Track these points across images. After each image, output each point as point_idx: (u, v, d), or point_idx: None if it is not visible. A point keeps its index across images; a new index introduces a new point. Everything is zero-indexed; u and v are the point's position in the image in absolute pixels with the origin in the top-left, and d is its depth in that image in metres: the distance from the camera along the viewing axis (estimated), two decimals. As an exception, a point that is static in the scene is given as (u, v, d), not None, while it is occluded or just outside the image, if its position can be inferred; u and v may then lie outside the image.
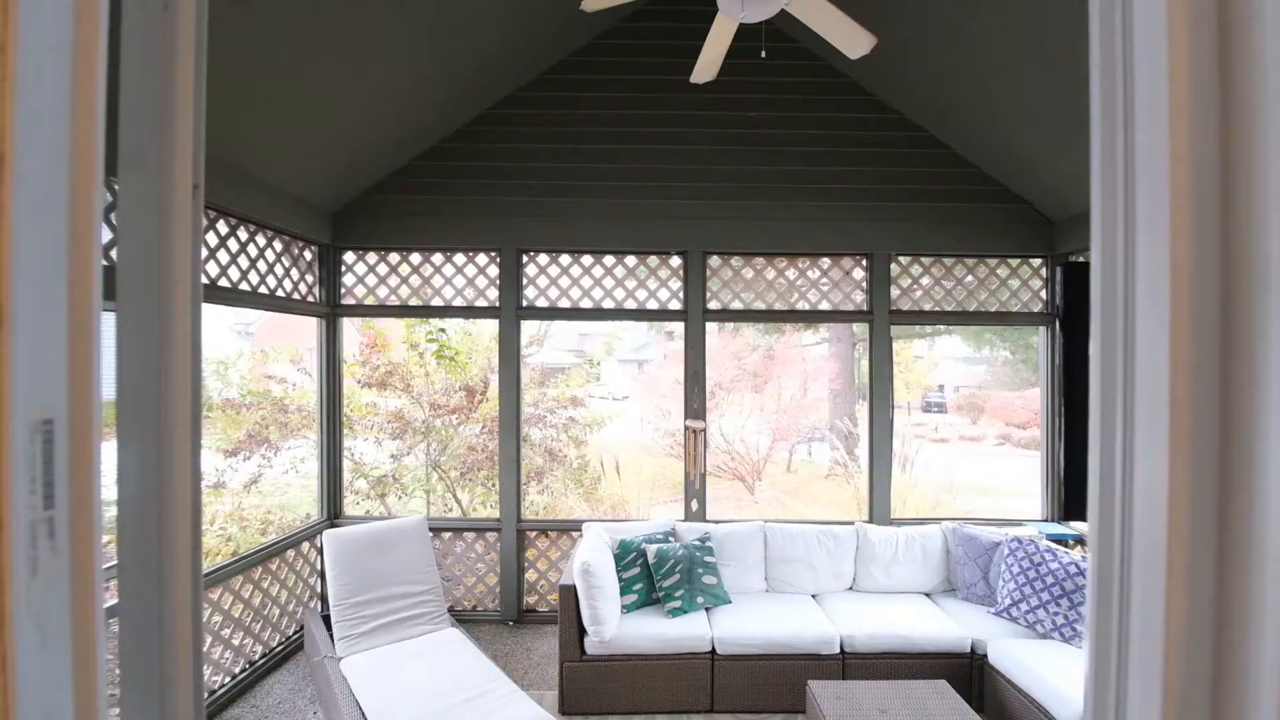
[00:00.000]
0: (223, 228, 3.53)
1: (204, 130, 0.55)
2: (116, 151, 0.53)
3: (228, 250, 3.56)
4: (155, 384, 0.52)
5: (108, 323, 0.56)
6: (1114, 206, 0.46)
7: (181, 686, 0.54)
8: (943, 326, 10.79)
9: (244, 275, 3.69)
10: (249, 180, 3.60)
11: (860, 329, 11.83)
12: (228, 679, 3.55)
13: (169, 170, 0.53)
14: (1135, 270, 0.44)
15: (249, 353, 5.28)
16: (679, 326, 4.66)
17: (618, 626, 3.45)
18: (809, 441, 11.60)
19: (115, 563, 0.54)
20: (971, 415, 16.74)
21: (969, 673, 3.42)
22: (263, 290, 3.86)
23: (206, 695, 3.38)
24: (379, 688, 3.00)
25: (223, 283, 3.51)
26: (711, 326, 4.73)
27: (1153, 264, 0.42)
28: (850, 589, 4.07)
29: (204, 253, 3.39)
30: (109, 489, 0.54)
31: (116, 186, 0.55)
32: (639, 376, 15.11)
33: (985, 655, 3.38)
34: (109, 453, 0.54)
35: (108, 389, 0.54)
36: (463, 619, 4.50)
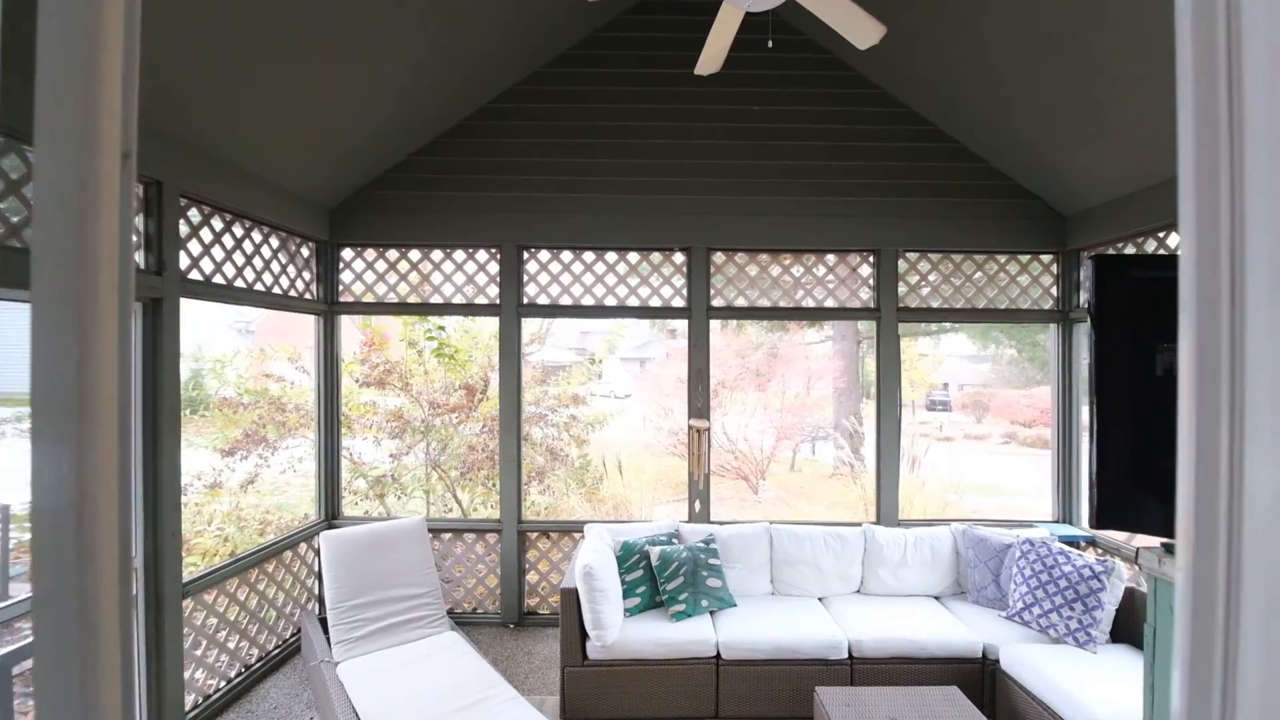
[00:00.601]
0: (217, 223, 3.46)
1: (136, 88, 0.47)
2: (33, 115, 0.46)
3: (222, 246, 3.49)
4: (76, 383, 0.44)
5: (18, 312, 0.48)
6: (1215, 174, 0.38)
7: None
8: (949, 324, 10.69)
9: (239, 272, 3.61)
10: (243, 175, 3.53)
11: (866, 326, 11.74)
12: (223, 684, 3.48)
13: (93, 136, 0.46)
14: (1245, 250, 0.36)
15: (244, 350, 5.21)
16: (682, 324, 4.58)
17: (620, 630, 3.38)
18: (813, 441, 11.50)
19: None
20: (976, 414, 16.69)
21: (980, 678, 3.34)
22: (259, 287, 3.78)
23: (201, 700, 3.32)
24: (376, 693, 2.93)
25: (217, 279, 3.44)
26: (714, 324, 4.64)
27: (1277, 241, 0.34)
28: (858, 592, 3.99)
29: (198, 248, 3.32)
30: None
31: (32, 156, 0.47)
32: (641, 375, 15.06)
33: (997, 661, 3.30)
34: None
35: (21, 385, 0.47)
36: (462, 621, 4.44)
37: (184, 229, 3.20)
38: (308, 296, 4.28)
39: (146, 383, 2.95)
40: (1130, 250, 3.96)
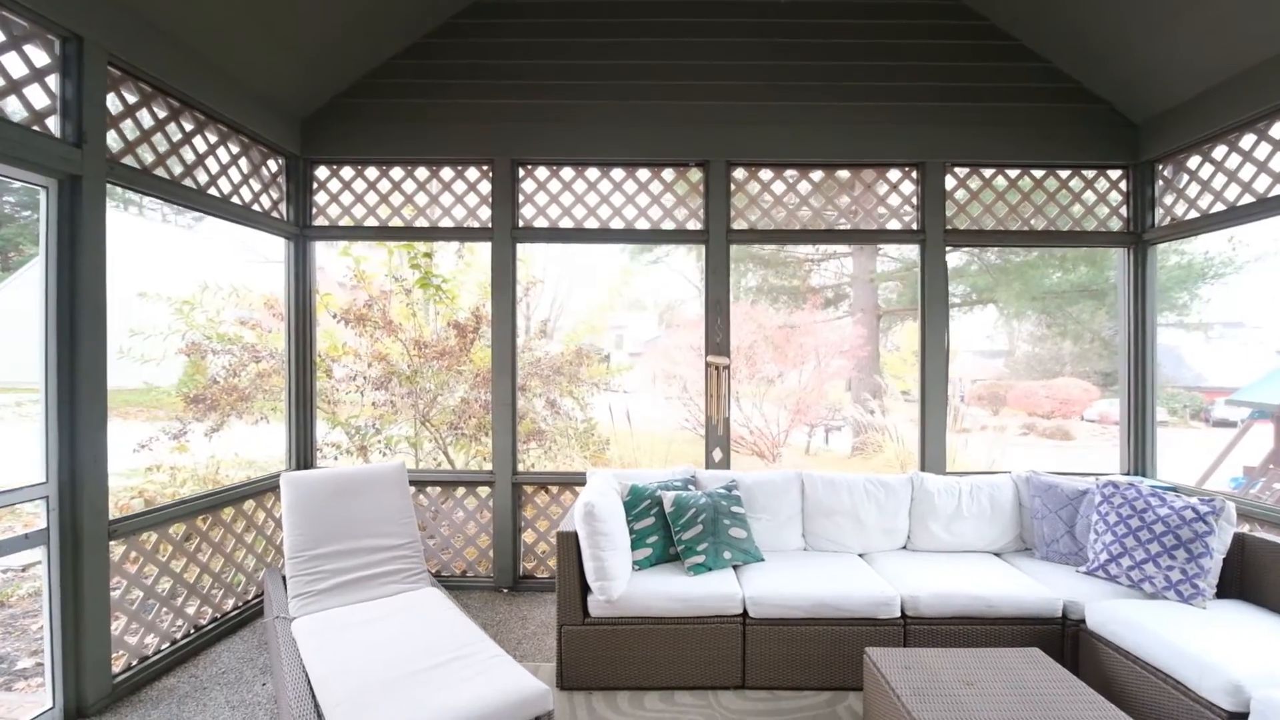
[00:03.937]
0: (161, 110, 2.97)
1: None
2: None
3: (166, 136, 3.00)
4: None
5: None
6: None
7: None
8: (973, 294, 10.10)
9: (188, 170, 3.12)
10: (193, 57, 3.04)
11: (886, 300, 11.16)
12: (166, 644, 2.98)
13: None
14: None
15: (212, 285, 4.72)
16: (695, 312, 4.06)
17: (628, 584, 2.85)
18: (827, 429, 10.98)
19: None
20: (993, 406, 16.09)
21: (1060, 641, 2.79)
22: (213, 193, 3.29)
23: (136, 661, 2.82)
24: (331, 651, 2.41)
25: (160, 173, 2.95)
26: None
27: None
28: (904, 548, 3.44)
29: (135, 133, 2.83)
30: None
31: None
32: (650, 362, 14.51)
33: (1081, 620, 2.75)
34: None
35: None
36: (450, 585, 3.93)
37: (115, 106, 2.72)
38: (275, 215, 3.78)
39: (61, 274, 2.46)
40: (1220, 153, 3.40)
